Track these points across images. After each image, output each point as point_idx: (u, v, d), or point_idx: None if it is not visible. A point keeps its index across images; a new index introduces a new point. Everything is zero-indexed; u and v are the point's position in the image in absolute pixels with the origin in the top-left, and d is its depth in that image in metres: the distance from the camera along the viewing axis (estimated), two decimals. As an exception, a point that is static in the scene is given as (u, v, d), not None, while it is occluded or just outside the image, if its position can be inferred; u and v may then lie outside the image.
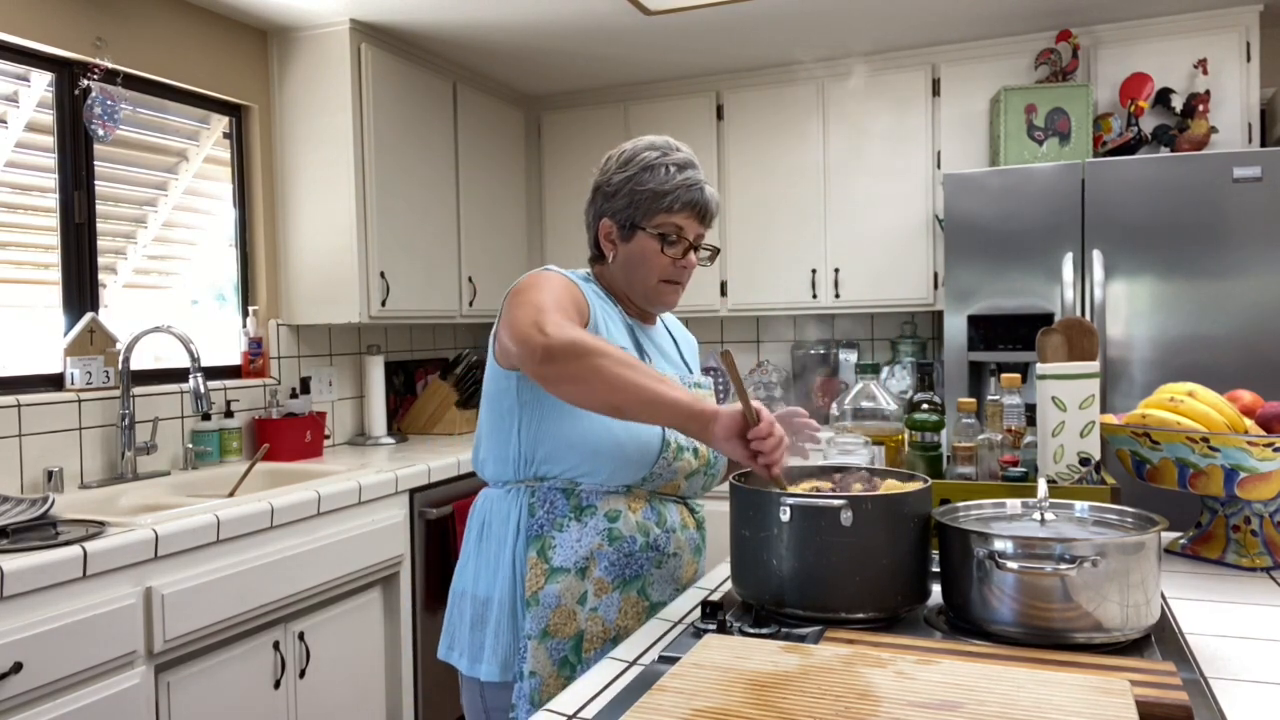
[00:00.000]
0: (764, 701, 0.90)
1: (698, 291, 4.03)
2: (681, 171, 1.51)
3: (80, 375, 2.61)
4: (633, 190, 1.51)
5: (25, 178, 2.60)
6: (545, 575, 1.43)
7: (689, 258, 1.54)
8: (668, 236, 1.51)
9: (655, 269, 1.52)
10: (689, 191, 1.50)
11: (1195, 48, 3.28)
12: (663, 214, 1.50)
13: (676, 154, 1.54)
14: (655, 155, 1.52)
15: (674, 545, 1.52)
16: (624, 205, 1.52)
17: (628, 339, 1.52)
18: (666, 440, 1.46)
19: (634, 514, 1.47)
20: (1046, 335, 1.66)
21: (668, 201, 1.49)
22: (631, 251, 1.53)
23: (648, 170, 1.51)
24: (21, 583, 1.75)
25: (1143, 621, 1.12)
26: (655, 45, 3.58)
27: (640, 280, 1.54)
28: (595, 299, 1.51)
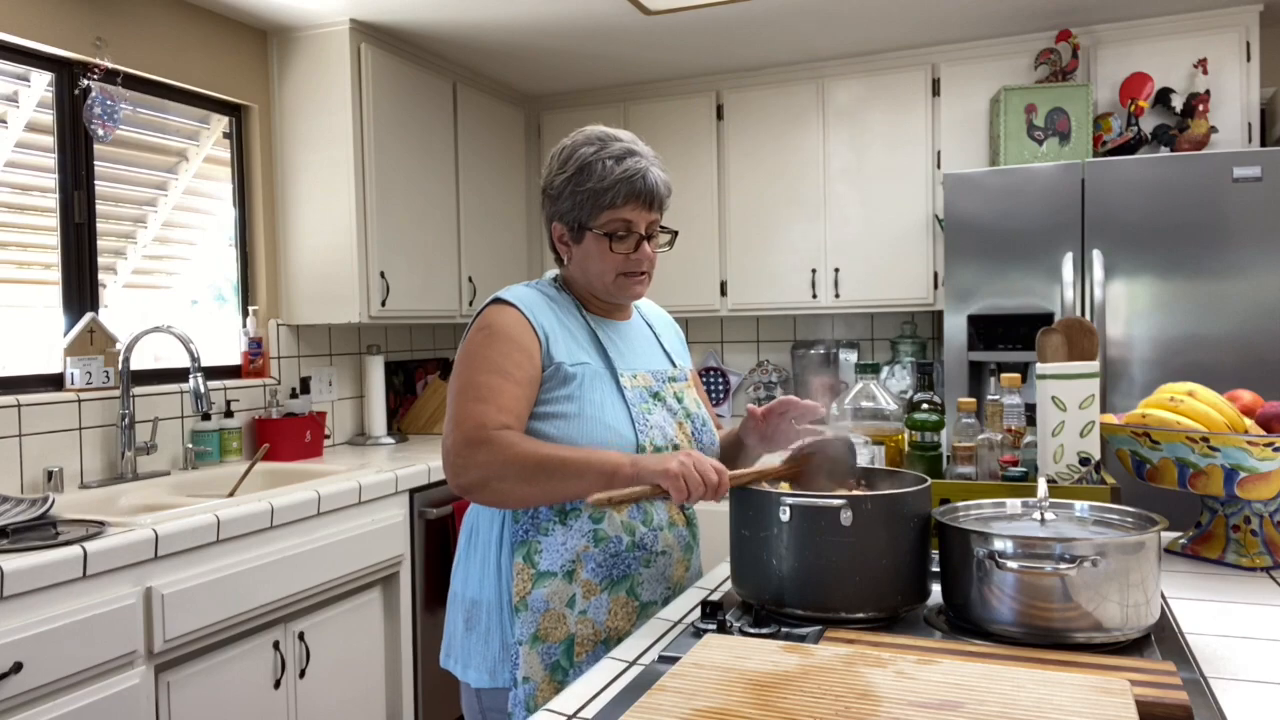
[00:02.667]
0: (764, 701, 0.90)
1: (698, 291, 4.03)
2: (620, 163, 1.47)
3: (80, 375, 2.61)
4: (574, 192, 1.48)
5: (25, 178, 2.60)
6: (532, 580, 1.42)
7: (643, 250, 1.50)
8: (615, 234, 1.47)
9: (609, 267, 1.49)
10: (630, 183, 1.46)
11: (1195, 47, 3.28)
12: (607, 211, 1.47)
13: (614, 145, 1.50)
14: (591, 151, 1.49)
15: (662, 543, 1.50)
16: (569, 208, 1.49)
17: (589, 343, 1.51)
18: (641, 445, 1.44)
19: (619, 513, 1.46)
20: (1046, 335, 1.66)
21: (609, 198, 1.46)
22: (584, 252, 1.51)
23: (585, 169, 1.48)
24: (21, 583, 1.75)
25: (1143, 621, 1.12)
26: (655, 45, 3.58)
27: (597, 278, 1.52)
28: (551, 312, 1.50)
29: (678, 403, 1.55)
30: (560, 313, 1.52)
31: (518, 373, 1.41)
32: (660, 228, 1.54)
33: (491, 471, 1.34)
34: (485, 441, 1.35)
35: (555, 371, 1.45)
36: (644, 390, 1.51)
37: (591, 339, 1.52)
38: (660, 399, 1.53)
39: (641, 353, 1.58)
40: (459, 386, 1.42)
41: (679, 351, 1.70)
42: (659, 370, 1.57)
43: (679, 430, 1.52)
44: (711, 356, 4.38)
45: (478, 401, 1.38)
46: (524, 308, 1.47)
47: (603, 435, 1.42)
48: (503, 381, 1.40)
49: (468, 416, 1.37)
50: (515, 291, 1.52)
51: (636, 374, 1.52)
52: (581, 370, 1.46)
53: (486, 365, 1.41)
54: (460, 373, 1.44)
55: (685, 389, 1.60)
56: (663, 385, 1.55)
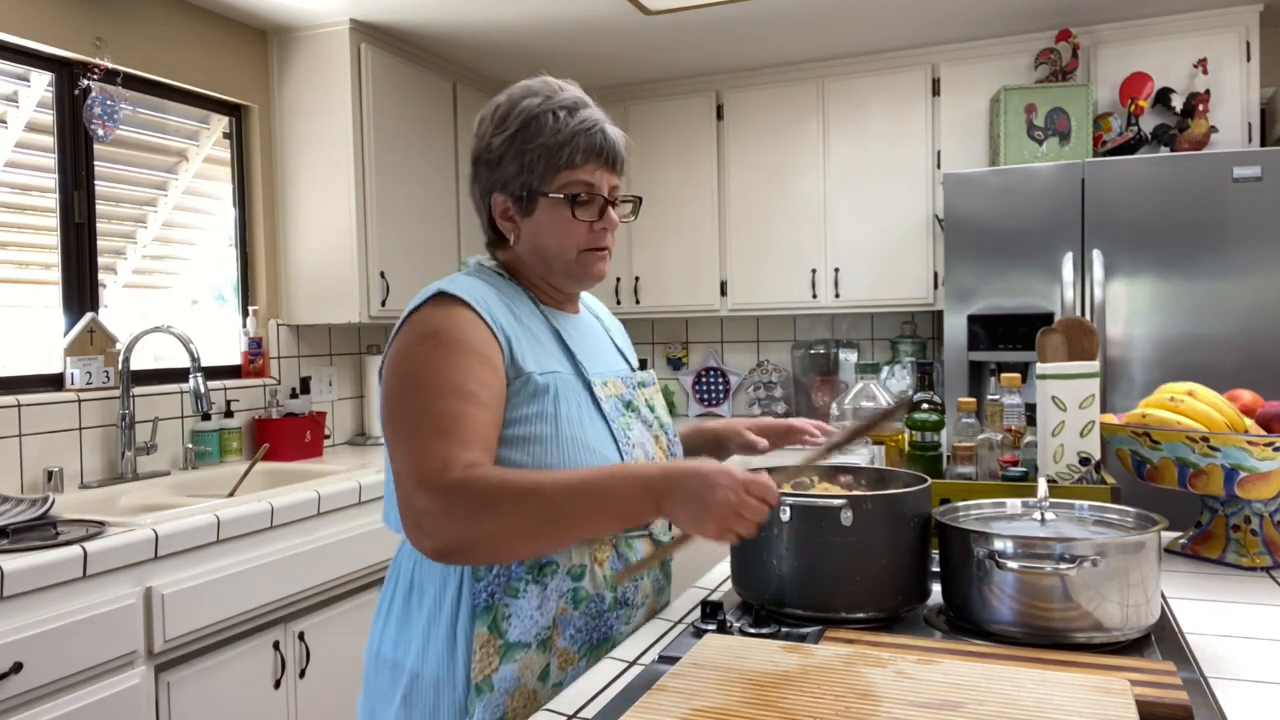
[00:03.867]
0: (764, 701, 0.90)
1: (698, 291, 4.03)
2: (574, 114, 1.23)
3: (80, 375, 2.61)
4: (520, 152, 1.22)
5: (25, 178, 2.60)
6: (499, 653, 1.15)
7: (609, 216, 1.25)
8: (577, 197, 1.23)
9: (571, 239, 1.24)
10: (589, 136, 1.22)
11: (1195, 47, 3.28)
12: (564, 171, 1.22)
13: (562, 94, 1.25)
14: (538, 102, 1.23)
15: (641, 594, 1.29)
16: (514, 172, 1.23)
17: (553, 345, 1.25)
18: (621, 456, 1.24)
19: (601, 566, 1.22)
20: (1046, 335, 1.66)
21: (566, 154, 1.21)
22: (537, 225, 1.24)
23: (531, 122, 1.22)
24: (21, 583, 1.75)
25: (1143, 621, 1.12)
26: (655, 45, 3.58)
27: (557, 256, 1.25)
28: (505, 307, 1.22)
29: (650, 412, 1.33)
30: (515, 308, 1.24)
31: (483, 393, 1.13)
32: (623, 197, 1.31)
33: (480, 528, 1.05)
34: (460, 490, 1.05)
35: (524, 384, 1.18)
36: (618, 401, 1.27)
37: (555, 340, 1.26)
38: (634, 409, 1.29)
39: (603, 354, 1.35)
40: (408, 417, 1.11)
41: (630, 350, 1.48)
42: (626, 375, 1.34)
43: (656, 445, 1.30)
44: (711, 356, 4.38)
45: (439, 437, 1.08)
46: (476, 304, 1.18)
47: (584, 460, 1.17)
48: (466, 407, 1.11)
49: (429, 459, 1.07)
50: (460, 282, 1.20)
51: (607, 381, 1.28)
52: (552, 381, 1.20)
53: (443, 386, 1.11)
54: (406, 398, 1.12)
55: (654, 394, 1.38)
56: (634, 392, 1.32)
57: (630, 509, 1.06)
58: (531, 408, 1.17)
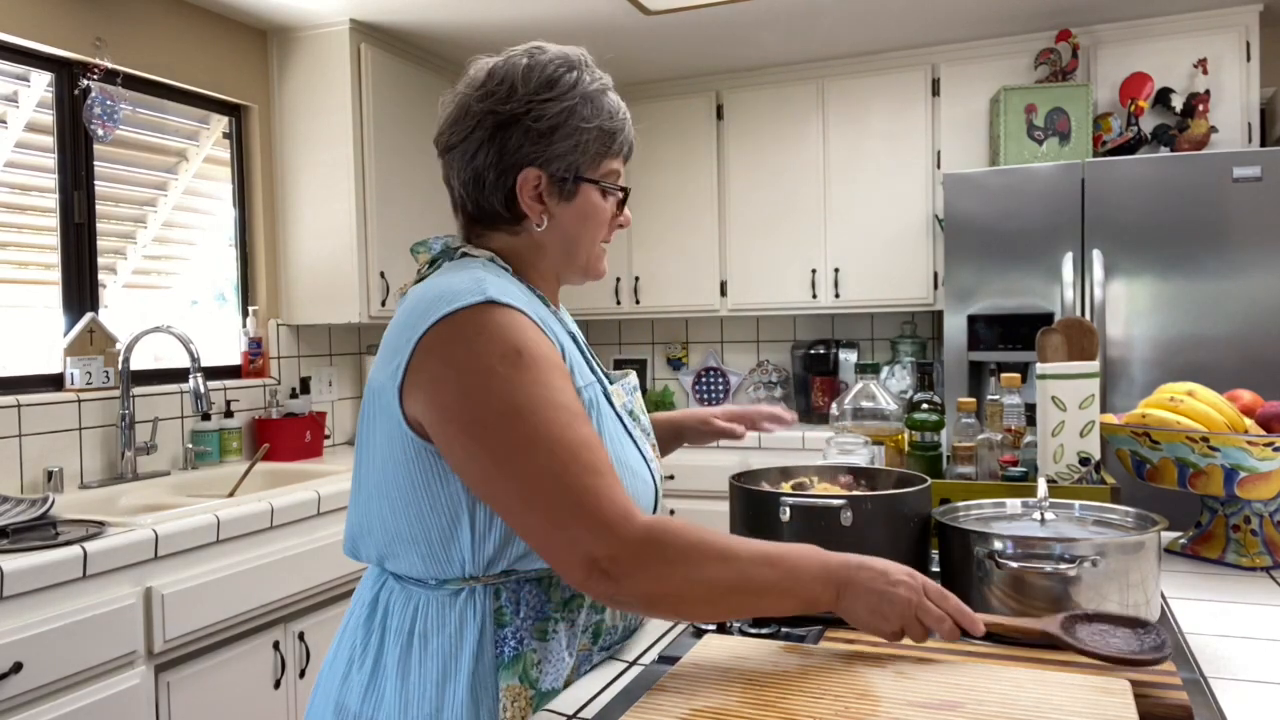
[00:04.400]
0: (764, 701, 0.90)
1: (698, 291, 4.03)
2: (621, 104, 1.17)
3: (80, 375, 2.61)
4: (576, 128, 1.09)
5: (25, 178, 2.60)
6: (532, 705, 1.02)
7: (626, 214, 1.19)
8: (611, 188, 1.15)
9: (599, 231, 1.15)
10: (628, 131, 1.17)
11: (1195, 47, 3.28)
12: (609, 159, 1.14)
13: (606, 76, 1.16)
14: (590, 81, 1.11)
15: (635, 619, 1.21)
16: (565, 150, 1.08)
17: (574, 349, 1.11)
18: (658, 484, 1.13)
19: None
20: (1046, 335, 1.66)
21: (619, 142, 1.14)
22: (576, 212, 1.11)
23: (595, 100, 1.11)
24: (21, 583, 1.75)
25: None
26: (655, 45, 3.58)
27: (585, 248, 1.14)
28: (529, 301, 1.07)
29: (643, 417, 1.23)
30: (540, 311, 1.08)
31: (579, 408, 1.00)
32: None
33: (673, 584, 0.94)
34: (655, 540, 0.94)
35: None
36: (624, 410, 1.15)
37: (573, 345, 1.12)
38: (634, 418, 1.18)
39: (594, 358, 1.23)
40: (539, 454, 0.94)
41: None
42: (623, 381, 1.21)
43: (654, 453, 1.20)
44: (711, 356, 4.38)
45: (594, 474, 0.94)
46: (529, 311, 1.03)
47: (631, 486, 1.04)
48: (589, 430, 0.98)
49: (603, 501, 0.93)
50: (497, 288, 1.02)
51: (616, 389, 1.16)
52: (591, 394, 1.08)
53: (562, 415, 0.96)
54: (517, 428, 0.94)
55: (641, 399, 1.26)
56: (631, 398, 1.19)
57: (812, 594, 0.97)
58: None
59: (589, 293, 4.18)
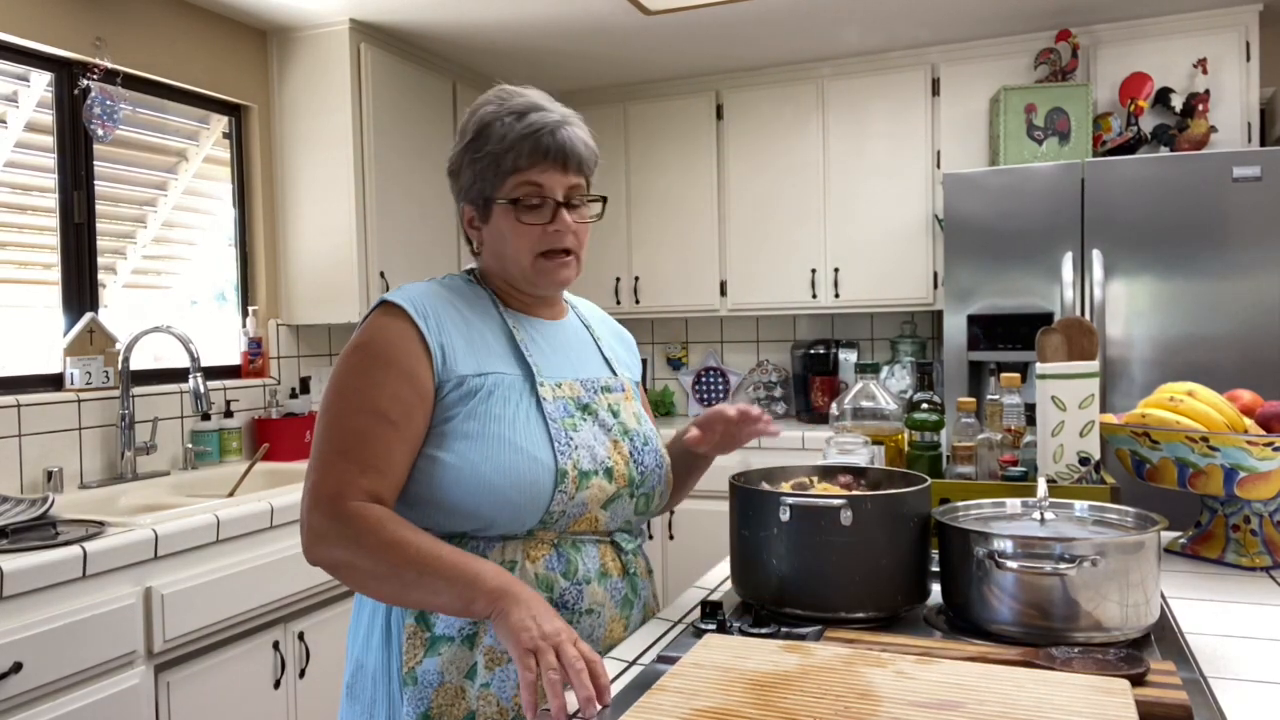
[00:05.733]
0: (764, 701, 0.90)
1: (698, 291, 4.03)
2: (523, 118, 1.23)
3: (80, 375, 2.61)
4: (473, 160, 1.26)
5: (25, 178, 2.60)
6: (425, 646, 1.17)
7: (561, 219, 1.24)
8: (525, 200, 1.23)
9: (523, 244, 1.24)
10: (535, 138, 1.22)
11: (1195, 47, 3.28)
12: (512, 176, 1.23)
13: (517, 99, 1.26)
14: (491, 110, 1.26)
15: (589, 600, 1.22)
16: (470, 181, 1.27)
17: (504, 346, 1.26)
18: (561, 469, 1.19)
19: (533, 564, 1.19)
20: (1046, 335, 1.66)
21: (511, 159, 1.22)
22: (494, 231, 1.27)
23: (483, 131, 1.25)
24: (21, 583, 1.75)
25: (1142, 621, 1.12)
26: (655, 45, 3.58)
27: (513, 261, 1.27)
28: (454, 311, 1.25)
29: (613, 417, 1.30)
30: (469, 310, 1.27)
31: (396, 411, 1.15)
32: (588, 197, 1.30)
33: (343, 557, 1.12)
34: (340, 518, 1.11)
35: (455, 387, 1.20)
36: (569, 402, 1.26)
37: (507, 341, 1.27)
38: (590, 412, 1.27)
39: (572, 358, 1.33)
40: (323, 427, 1.17)
41: (625, 361, 1.46)
42: (591, 379, 1.32)
43: (613, 450, 1.26)
44: (711, 356, 4.38)
45: (341, 456, 1.14)
46: (415, 312, 1.21)
47: (511, 460, 1.16)
48: (376, 426, 1.15)
49: (327, 478, 1.13)
50: (408, 291, 1.25)
51: (561, 383, 1.26)
52: (487, 381, 1.21)
53: (357, 402, 1.16)
54: (327, 408, 1.18)
55: (622, 401, 1.34)
56: (594, 396, 1.29)
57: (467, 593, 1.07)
58: (461, 408, 1.19)
59: (589, 293, 4.18)
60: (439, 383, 1.19)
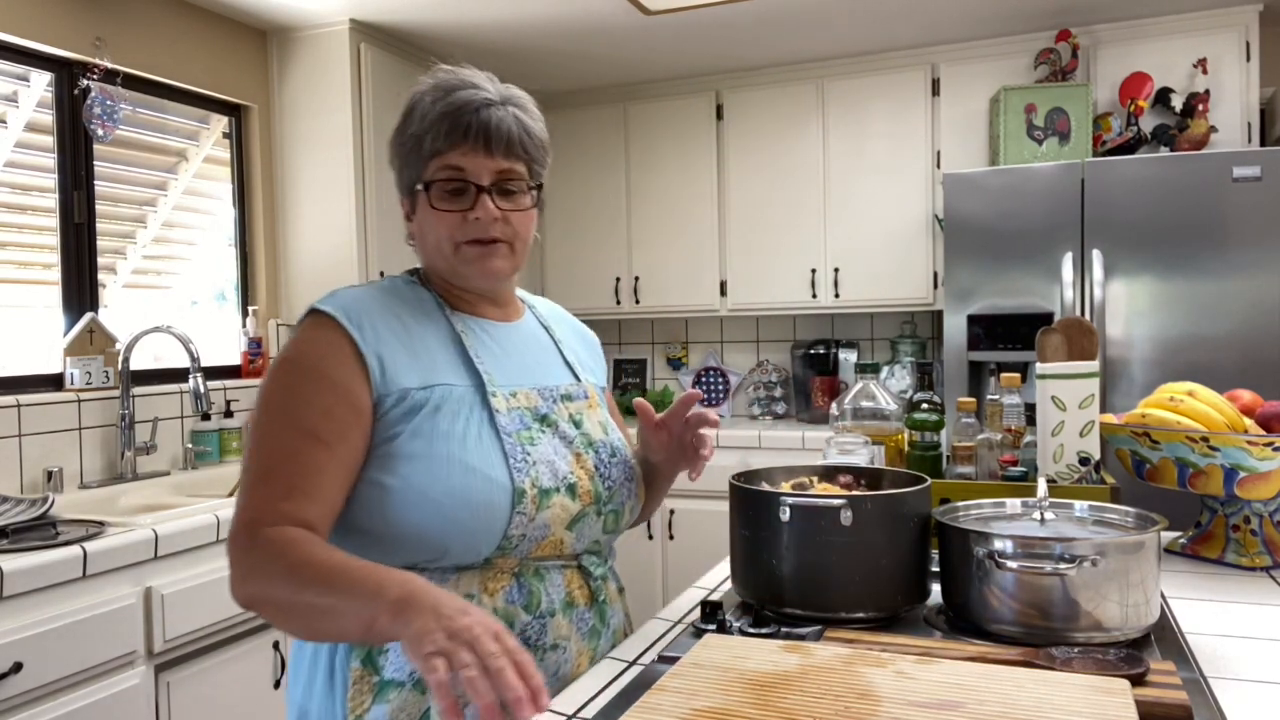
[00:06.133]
0: (764, 701, 0.90)
1: (698, 291, 4.03)
2: (446, 97, 1.13)
3: (80, 375, 2.61)
4: (399, 145, 1.18)
5: (25, 178, 2.60)
6: (373, 691, 1.05)
7: (483, 205, 1.12)
8: (432, 186, 1.14)
9: (442, 231, 1.14)
10: (454, 117, 1.12)
11: (1195, 47, 3.28)
12: (433, 160, 1.14)
13: (447, 77, 1.16)
14: (418, 90, 1.17)
15: (553, 635, 1.11)
16: (399, 169, 1.20)
17: (451, 354, 1.15)
18: (519, 489, 1.07)
19: (492, 597, 1.08)
20: (1046, 335, 1.66)
21: (430, 140, 1.13)
22: (418, 221, 1.19)
23: (409, 115, 1.16)
24: (21, 583, 1.75)
25: (1142, 621, 1.12)
26: (655, 45, 3.58)
27: (435, 252, 1.17)
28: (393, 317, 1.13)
29: (574, 428, 1.19)
30: (409, 315, 1.15)
31: (328, 430, 1.04)
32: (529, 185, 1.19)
33: (257, 591, 0.99)
34: (254, 546, 0.99)
35: (397, 402, 1.08)
36: (526, 413, 1.15)
37: (455, 348, 1.16)
38: (549, 424, 1.17)
39: (529, 364, 1.22)
40: (247, 453, 1.06)
41: (588, 365, 1.34)
42: (550, 386, 1.21)
43: (576, 464, 1.16)
44: (711, 356, 4.38)
45: (264, 481, 1.02)
46: (347, 321, 1.10)
47: (462, 481, 1.05)
48: (305, 446, 1.03)
49: (246, 505, 1.02)
50: (340, 298, 1.13)
51: (516, 392, 1.16)
52: (433, 395, 1.09)
53: (284, 421, 1.05)
54: (252, 430, 1.07)
55: (585, 409, 1.23)
56: (553, 406, 1.19)
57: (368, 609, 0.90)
58: (405, 425, 1.07)
59: (588, 293, 4.18)
60: (377, 398, 1.08)
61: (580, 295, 4.19)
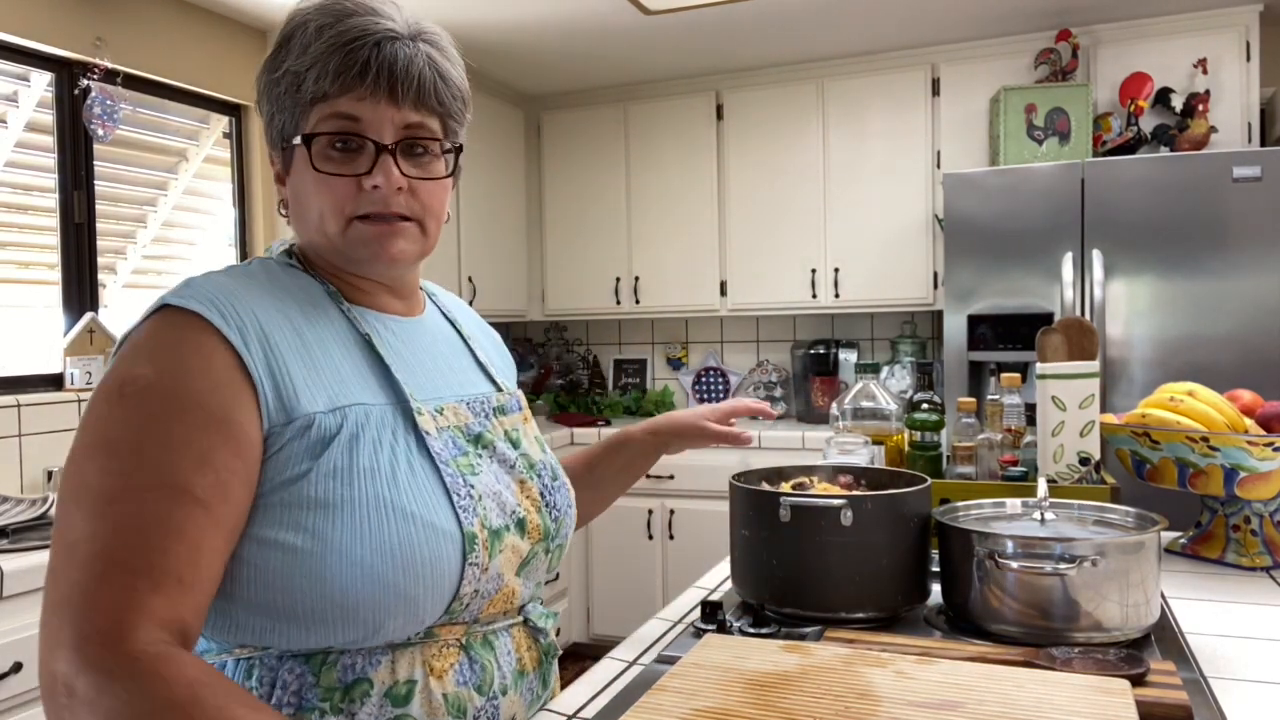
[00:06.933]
0: (764, 701, 0.90)
1: (698, 291, 4.03)
2: (336, 25, 0.84)
3: (80, 375, 2.61)
4: (269, 84, 0.88)
5: (25, 178, 2.60)
6: None
7: (385, 168, 0.85)
8: (330, 141, 0.85)
9: (327, 203, 0.86)
10: (348, 51, 0.83)
11: (1195, 47, 3.28)
12: (316, 106, 0.85)
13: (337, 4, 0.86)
14: (300, 13, 0.87)
15: (506, 711, 0.91)
16: (269, 116, 0.89)
17: (356, 359, 0.88)
18: (469, 534, 0.84)
19: (440, 680, 0.85)
20: (1046, 335, 1.66)
21: (311, 82, 0.84)
22: (294, 185, 0.89)
23: (284, 44, 0.87)
24: (21, 583, 1.75)
25: (1143, 621, 1.12)
26: (655, 45, 3.58)
27: (316, 228, 0.87)
28: (276, 312, 0.84)
29: (513, 448, 0.97)
30: (297, 311, 0.86)
31: (205, 484, 0.74)
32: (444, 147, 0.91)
33: None
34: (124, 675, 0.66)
35: (300, 432, 0.80)
36: (458, 433, 0.91)
37: (361, 353, 0.89)
38: (485, 444, 0.93)
39: (447, 370, 0.96)
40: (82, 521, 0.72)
41: (501, 369, 1.07)
42: (477, 397, 0.96)
43: (520, 493, 0.94)
44: (711, 356, 4.38)
45: (118, 566, 0.70)
46: (222, 320, 0.79)
47: (399, 533, 0.80)
48: (175, 509, 0.72)
49: (96, 603, 0.68)
50: (201, 286, 0.82)
51: (443, 407, 0.91)
52: (349, 417, 0.82)
53: (140, 473, 0.73)
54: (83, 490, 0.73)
55: (521, 424, 1.01)
56: (485, 422, 0.95)
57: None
58: (311, 463, 0.79)
59: (588, 293, 4.18)
60: (270, 429, 0.79)
61: (580, 295, 4.19)
